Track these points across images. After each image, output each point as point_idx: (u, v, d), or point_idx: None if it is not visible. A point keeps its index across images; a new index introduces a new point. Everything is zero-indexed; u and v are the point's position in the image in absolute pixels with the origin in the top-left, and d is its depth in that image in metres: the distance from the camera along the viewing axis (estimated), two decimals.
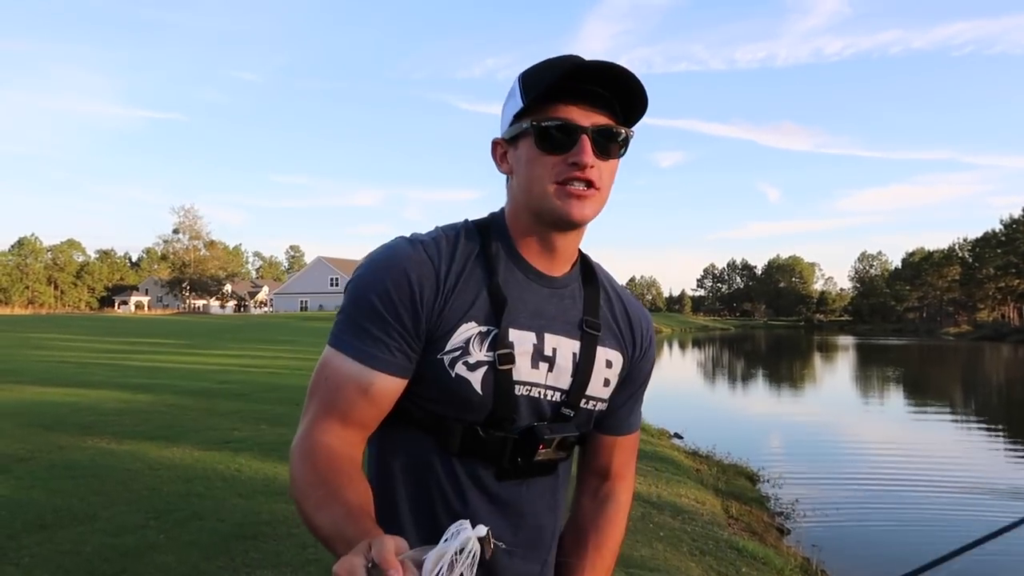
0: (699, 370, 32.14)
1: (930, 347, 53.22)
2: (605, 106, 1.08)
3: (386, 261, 1.08)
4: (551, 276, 1.16)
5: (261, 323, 46.96)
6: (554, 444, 1.13)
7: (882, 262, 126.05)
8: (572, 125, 1.06)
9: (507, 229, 1.16)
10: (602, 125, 1.07)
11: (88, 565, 3.91)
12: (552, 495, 1.21)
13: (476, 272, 1.11)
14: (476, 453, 1.10)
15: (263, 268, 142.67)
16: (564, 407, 1.14)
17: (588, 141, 1.06)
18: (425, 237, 1.13)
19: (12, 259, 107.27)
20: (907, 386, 24.20)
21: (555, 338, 1.14)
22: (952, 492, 9.18)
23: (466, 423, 1.09)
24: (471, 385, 1.07)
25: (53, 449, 6.67)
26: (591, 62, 1.05)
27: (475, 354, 1.07)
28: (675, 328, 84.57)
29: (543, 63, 1.10)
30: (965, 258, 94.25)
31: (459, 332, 1.07)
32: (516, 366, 1.09)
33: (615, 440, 1.29)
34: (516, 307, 1.11)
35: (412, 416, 1.11)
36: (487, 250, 1.13)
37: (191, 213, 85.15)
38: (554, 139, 1.06)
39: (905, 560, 6.75)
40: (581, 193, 1.07)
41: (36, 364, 15.40)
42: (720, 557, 5.27)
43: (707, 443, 11.09)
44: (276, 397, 10.92)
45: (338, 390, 1.06)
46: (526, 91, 1.08)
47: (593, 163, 1.06)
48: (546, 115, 1.06)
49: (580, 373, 1.15)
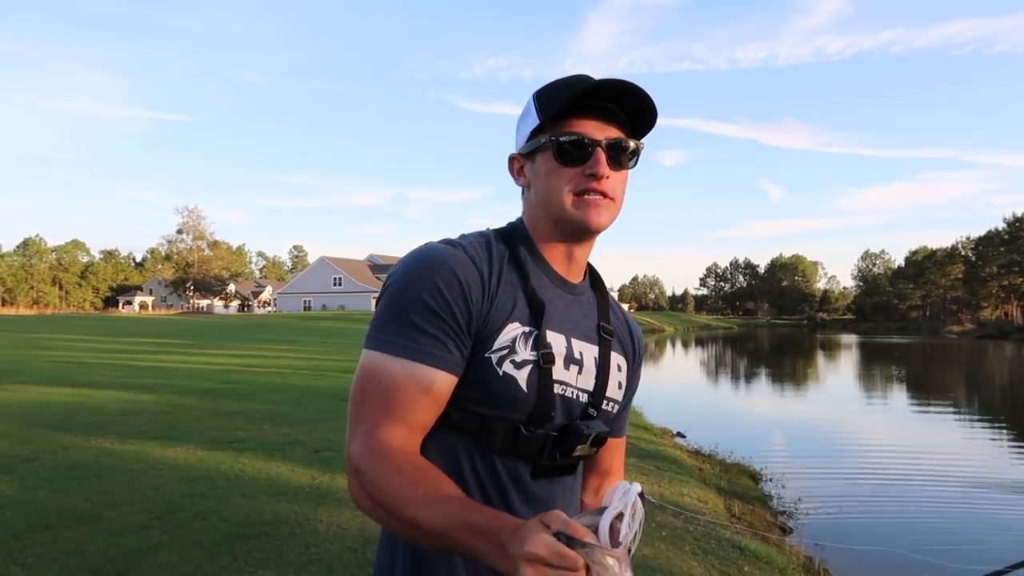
0: (702, 369, 32.12)
1: (933, 345, 53.11)
2: (616, 120, 1.15)
3: (432, 260, 1.10)
4: (572, 283, 1.23)
5: (264, 323, 47.01)
6: (590, 440, 1.16)
7: (885, 260, 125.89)
8: (587, 139, 1.13)
9: (530, 237, 1.21)
10: (614, 138, 1.14)
11: (92, 566, 3.93)
12: (575, 493, 1.25)
13: (512, 276, 1.15)
14: (517, 451, 1.13)
15: (266, 268, 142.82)
16: (590, 407, 1.19)
17: (602, 154, 1.13)
18: (463, 240, 1.16)
19: (17, 259, 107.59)
20: (910, 384, 24.16)
21: (580, 342, 1.20)
22: (956, 491, 9.17)
23: (509, 422, 1.11)
24: (517, 383, 1.10)
25: (58, 449, 6.70)
26: (604, 81, 1.11)
27: (521, 353, 1.11)
28: (678, 327, 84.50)
29: (557, 82, 1.17)
30: (968, 256, 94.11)
31: (505, 332, 1.11)
32: (555, 366, 1.14)
33: (613, 442, 1.33)
34: (551, 310, 1.17)
35: (450, 418, 1.11)
36: (516, 256, 1.18)
37: (195, 213, 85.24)
38: (571, 153, 1.13)
39: (909, 559, 6.75)
40: (597, 202, 1.14)
41: (41, 364, 15.44)
42: (722, 556, 5.27)
43: (710, 442, 11.08)
44: (279, 397, 10.94)
45: (397, 393, 1.06)
46: (542, 109, 1.15)
47: (607, 174, 1.13)
48: (562, 131, 1.13)
49: (601, 375, 1.21)
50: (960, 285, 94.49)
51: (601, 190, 1.13)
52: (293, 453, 6.91)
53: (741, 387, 23.85)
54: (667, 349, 46.83)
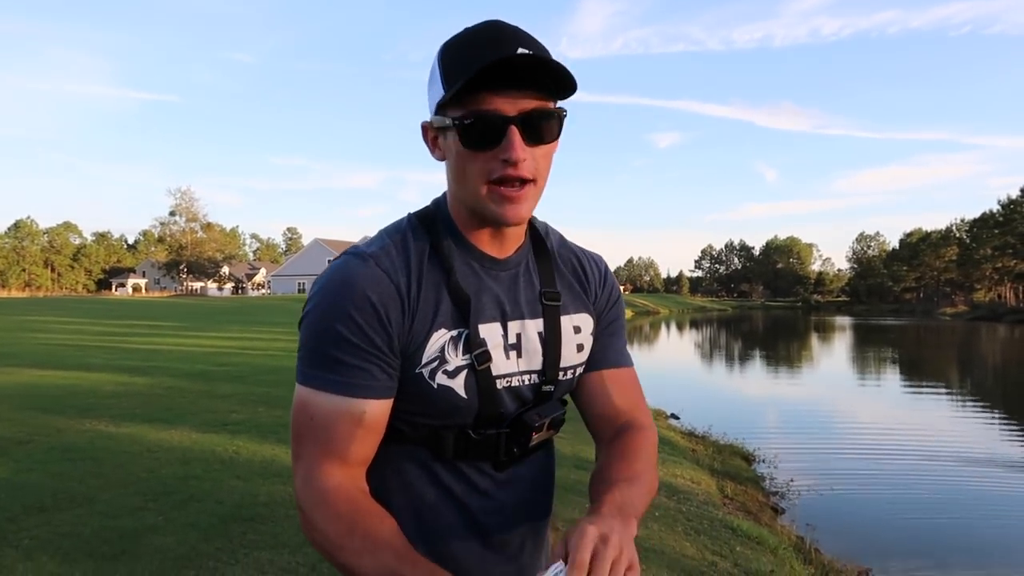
0: (696, 351, 32.23)
1: (926, 327, 53.36)
2: (532, 84, 0.98)
3: (341, 286, 1.01)
4: (504, 259, 1.12)
5: (258, 305, 46.93)
6: (545, 427, 1.13)
7: (880, 243, 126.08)
8: (497, 117, 0.96)
9: (452, 220, 1.10)
10: (530, 110, 0.98)
11: (87, 547, 3.94)
12: (548, 463, 1.24)
13: (433, 274, 1.06)
14: (472, 455, 1.10)
15: (260, 250, 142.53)
16: (544, 386, 1.13)
17: (517, 132, 0.97)
18: (374, 249, 1.06)
19: (9, 242, 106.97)
20: (903, 366, 24.29)
21: (518, 323, 1.11)
22: (948, 469, 9.26)
23: (456, 428, 1.08)
24: (455, 392, 1.05)
25: (52, 432, 6.70)
26: (509, 57, 0.94)
27: (452, 360, 1.05)
28: (673, 309, 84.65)
29: (463, 39, 1.00)
30: (963, 239, 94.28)
31: (431, 342, 1.04)
32: (493, 362, 1.07)
33: (602, 375, 1.21)
34: (479, 301, 1.08)
35: (402, 433, 1.09)
36: (438, 246, 1.08)
37: (188, 195, 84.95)
38: (480, 135, 0.97)
39: (900, 539, 6.82)
40: (515, 195, 1.00)
41: (34, 347, 15.41)
42: (715, 537, 5.32)
43: (703, 423, 11.16)
44: (274, 379, 10.94)
45: (329, 429, 1.01)
46: (445, 78, 0.99)
47: (525, 155, 0.98)
48: (468, 108, 0.97)
49: (550, 350, 1.13)
50: (954, 267, 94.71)
51: (518, 175, 0.98)
52: (287, 435, 6.89)
53: (735, 369, 23.95)
54: (662, 331, 46.94)
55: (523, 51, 0.95)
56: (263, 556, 3.93)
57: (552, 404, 1.16)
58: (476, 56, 0.95)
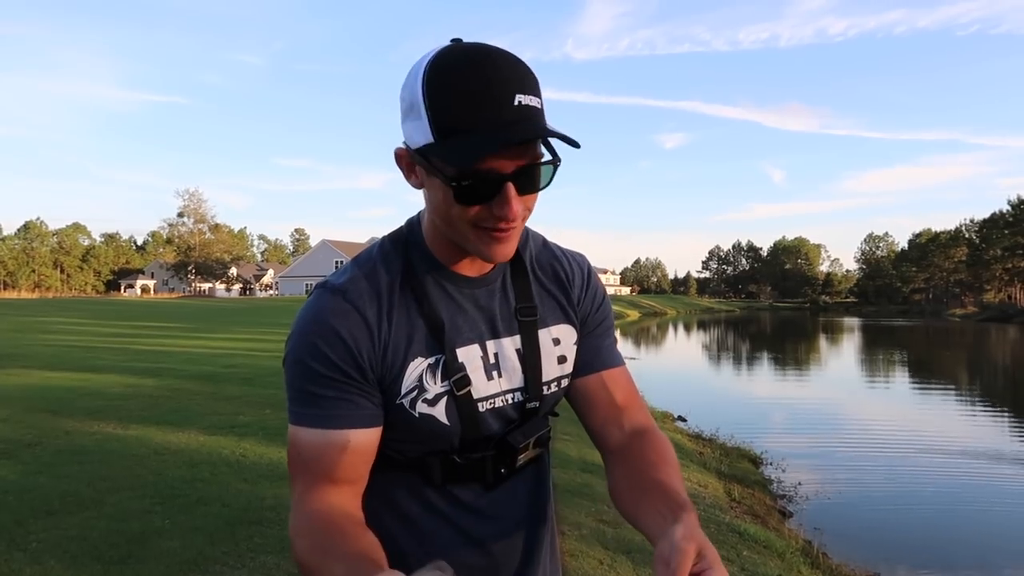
0: (704, 352, 32.16)
1: (936, 328, 53.10)
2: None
3: (310, 323, 1.02)
4: (479, 277, 1.10)
5: (266, 306, 47.07)
6: (531, 445, 1.12)
7: (888, 243, 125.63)
8: (494, 176, 0.92)
9: (427, 248, 1.08)
10: (526, 164, 0.93)
11: (95, 551, 3.95)
12: (539, 471, 1.22)
13: (405, 301, 1.05)
14: (459, 479, 1.10)
15: (268, 251, 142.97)
16: (528, 403, 1.11)
17: (512, 188, 0.93)
18: (343, 281, 1.05)
19: (18, 243, 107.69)
20: (912, 368, 24.19)
21: (495, 342, 1.10)
22: (957, 474, 9.20)
23: (441, 455, 1.08)
24: (436, 419, 1.05)
25: (60, 434, 6.72)
26: (511, 135, 0.88)
27: (431, 388, 1.04)
28: (680, 310, 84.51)
29: (455, 80, 0.90)
30: (972, 239, 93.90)
31: (409, 371, 1.04)
32: (473, 385, 1.06)
33: (600, 377, 1.19)
34: (454, 324, 1.07)
35: (391, 460, 1.09)
36: (410, 272, 1.07)
37: (196, 196, 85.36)
38: (474, 193, 0.93)
39: (908, 543, 6.78)
40: (504, 236, 0.97)
41: (43, 348, 15.48)
42: (721, 541, 5.30)
43: (710, 426, 11.13)
44: (281, 382, 10.90)
45: (316, 460, 1.01)
46: (434, 121, 0.91)
47: (518, 207, 0.94)
48: (461, 168, 0.91)
49: (529, 367, 1.11)
50: (964, 268, 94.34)
51: (509, 226, 0.96)
52: None
53: (743, 370, 23.88)
54: (669, 332, 46.87)
55: (523, 99, 0.90)
56: (269, 560, 3.93)
57: (537, 422, 1.14)
58: (471, 114, 0.88)
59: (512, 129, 0.89)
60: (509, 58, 0.93)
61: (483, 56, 0.91)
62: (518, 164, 0.92)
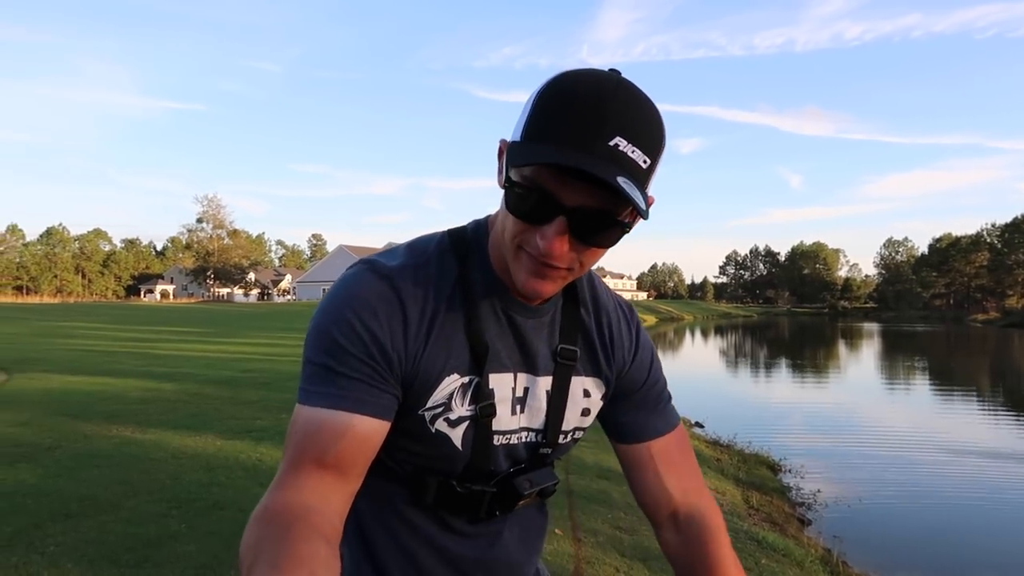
0: (721, 358, 31.94)
1: (957, 334, 52.46)
2: (606, 185, 0.80)
3: (349, 297, 0.94)
4: (532, 307, 1.03)
5: (284, 311, 47.36)
6: (533, 495, 1.08)
7: (908, 248, 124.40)
8: (550, 200, 0.84)
9: (488, 257, 1.01)
10: (590, 208, 0.84)
11: (111, 555, 3.96)
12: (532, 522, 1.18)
13: (453, 311, 0.98)
14: (451, 506, 1.05)
15: (286, 257, 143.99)
16: (542, 447, 1.07)
17: (564, 225, 0.85)
18: (392, 266, 0.97)
19: (41, 248, 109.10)
20: (934, 374, 23.87)
21: (528, 377, 1.04)
22: (983, 484, 9.03)
23: (441, 476, 1.03)
24: (451, 441, 0.99)
25: (79, 438, 6.77)
26: (570, 161, 0.79)
27: (457, 409, 0.98)
28: (697, 315, 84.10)
29: (564, 95, 0.83)
30: (994, 244, 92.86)
31: (441, 387, 0.97)
32: (497, 416, 1.01)
33: (653, 448, 1.14)
34: (495, 348, 1.00)
35: (384, 465, 1.03)
36: (465, 280, 0.99)
37: (214, 202, 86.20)
38: (527, 207, 0.85)
39: (929, 551, 6.68)
40: (543, 271, 0.89)
41: (64, 353, 15.65)
42: (740, 548, 5.23)
43: (728, 432, 11.02)
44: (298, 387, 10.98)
45: (312, 438, 0.91)
46: (527, 126, 0.85)
47: (562, 251, 0.86)
48: (527, 174, 0.84)
49: (554, 410, 1.06)
50: (985, 273, 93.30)
51: (550, 264, 0.88)
52: None
53: (760, 376, 23.68)
54: (686, 338, 46.63)
55: (622, 144, 0.81)
56: None
57: (545, 472, 1.10)
58: (560, 128, 0.81)
59: (585, 160, 0.79)
60: (635, 104, 0.84)
61: (611, 86, 0.83)
62: (582, 203, 0.84)
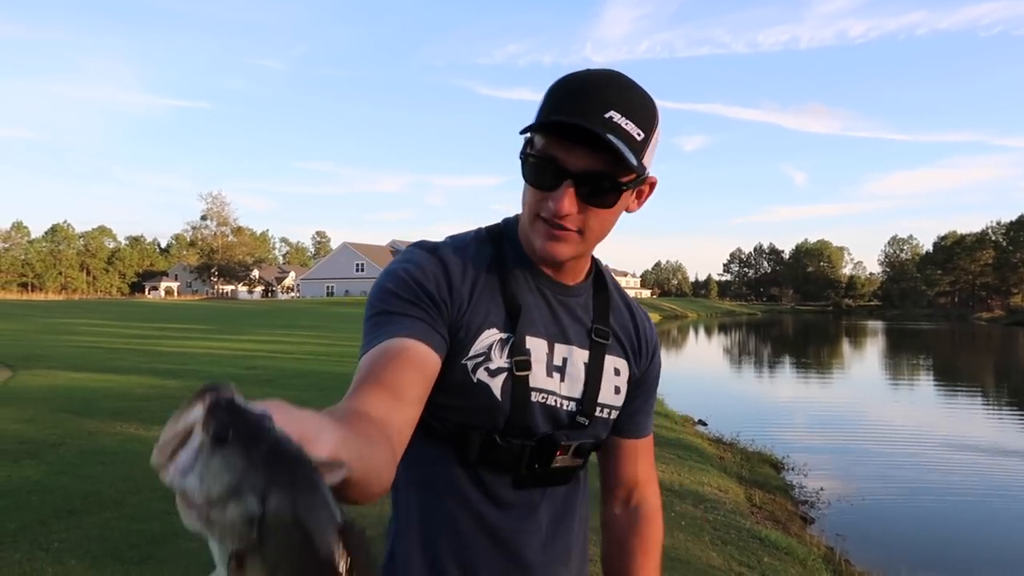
0: (725, 356, 31.92)
1: (962, 332, 52.33)
2: (605, 148, 0.95)
3: (399, 263, 1.09)
4: (565, 284, 1.16)
5: (288, 308, 47.41)
6: (571, 451, 1.12)
7: (913, 246, 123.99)
8: (555, 167, 0.99)
9: (518, 239, 1.14)
10: (592, 171, 0.97)
11: (115, 551, 3.99)
12: (571, 501, 1.20)
13: (491, 281, 1.10)
14: (493, 461, 1.10)
15: (290, 254, 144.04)
16: (579, 416, 1.14)
17: (571, 189, 0.98)
18: (436, 244, 1.13)
19: (46, 245, 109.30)
20: (938, 372, 23.82)
21: (566, 347, 1.13)
22: (985, 482, 9.04)
23: (484, 431, 1.08)
24: (491, 390, 1.06)
25: (83, 435, 6.80)
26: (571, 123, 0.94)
27: (496, 360, 1.07)
28: (701, 313, 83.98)
29: (571, 80, 1.01)
30: (999, 242, 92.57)
31: (481, 338, 1.07)
32: (532, 372, 1.09)
33: (636, 444, 1.29)
34: (530, 315, 1.11)
35: (429, 427, 1.07)
36: (500, 258, 1.13)
37: (218, 200, 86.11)
38: (539, 175, 1.01)
39: (931, 550, 6.67)
40: (558, 233, 1.03)
41: (68, 349, 15.69)
42: (742, 547, 5.24)
43: (731, 430, 11.02)
44: (302, 383, 11.03)
45: (371, 364, 0.96)
46: (541, 107, 1.01)
47: (570, 212, 1.00)
48: (539, 148, 1.00)
49: (591, 381, 1.15)
50: (990, 271, 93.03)
51: (561, 224, 1.01)
52: None
53: (764, 374, 23.66)
54: (689, 335, 46.58)
55: (616, 117, 0.96)
56: None
57: (583, 432, 1.15)
58: (567, 103, 0.97)
59: (583, 123, 0.94)
60: (628, 88, 1.01)
61: (606, 76, 1.01)
62: (585, 167, 0.97)
